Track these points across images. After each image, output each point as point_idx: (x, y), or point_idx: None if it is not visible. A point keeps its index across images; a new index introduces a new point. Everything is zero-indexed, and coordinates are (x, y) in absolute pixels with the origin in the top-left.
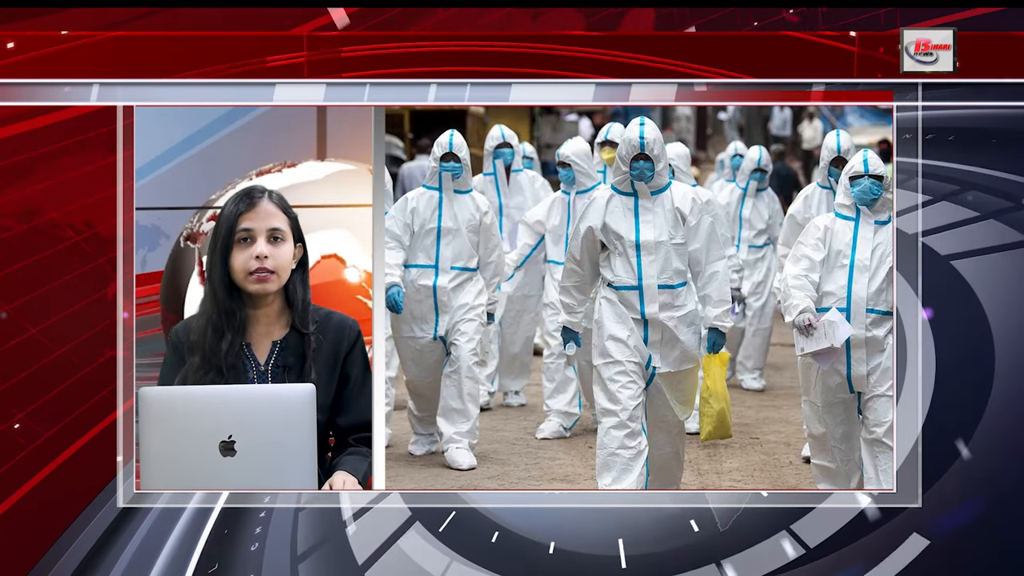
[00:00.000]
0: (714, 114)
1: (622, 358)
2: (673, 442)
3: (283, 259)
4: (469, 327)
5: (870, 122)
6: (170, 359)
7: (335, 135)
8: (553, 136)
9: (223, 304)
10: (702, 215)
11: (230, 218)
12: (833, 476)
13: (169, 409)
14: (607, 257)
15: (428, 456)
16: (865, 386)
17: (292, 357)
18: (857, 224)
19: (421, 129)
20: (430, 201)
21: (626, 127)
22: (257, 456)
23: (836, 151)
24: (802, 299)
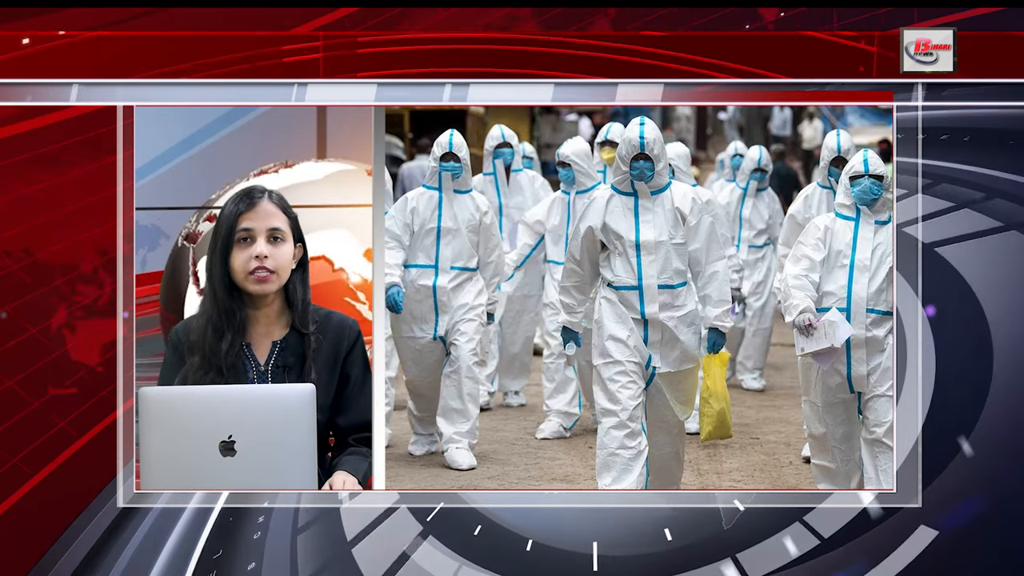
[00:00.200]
0: (714, 114)
1: (622, 358)
2: (673, 442)
3: (283, 259)
4: (469, 327)
5: (870, 122)
6: (170, 359)
7: (335, 135)
8: (553, 136)
9: (223, 304)
10: (702, 215)
11: (230, 218)
12: (833, 476)
13: (169, 409)
14: (607, 257)
15: (428, 456)
16: (865, 386)
17: (292, 357)
18: (857, 224)
19: (421, 129)
20: (430, 201)
21: (626, 127)
22: (257, 456)
23: (836, 151)
24: (802, 299)
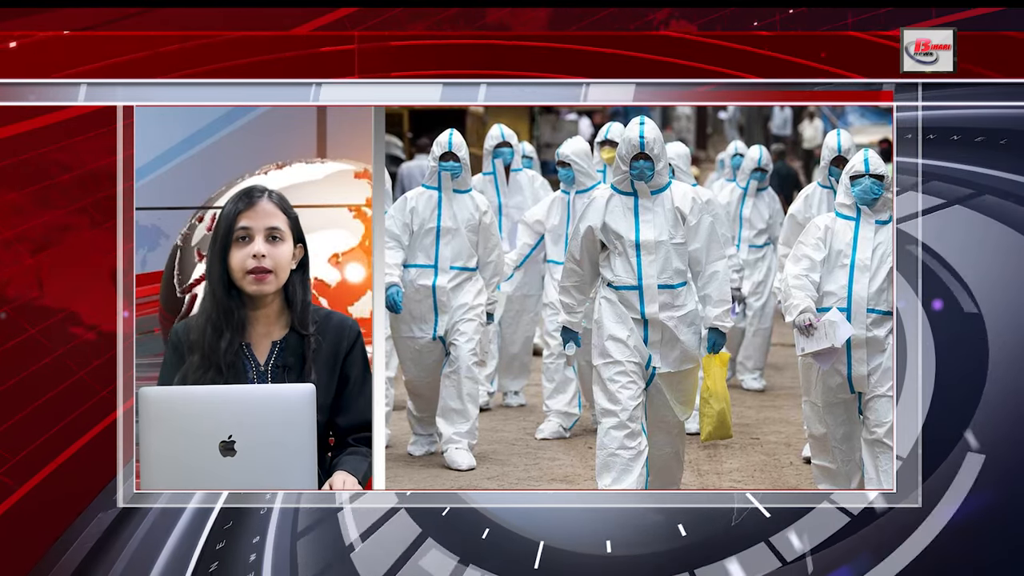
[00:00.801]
0: (714, 113)
1: (622, 358)
2: (673, 442)
3: (281, 258)
4: (468, 327)
5: (871, 121)
6: (170, 359)
7: (335, 135)
8: (553, 135)
9: (221, 303)
10: (702, 215)
11: (229, 217)
12: (834, 477)
13: (169, 409)
14: (607, 257)
15: (427, 457)
16: (866, 386)
17: (292, 357)
18: (858, 224)
19: (420, 128)
20: (429, 201)
21: (626, 126)
22: (257, 456)
23: (837, 150)
24: (803, 299)
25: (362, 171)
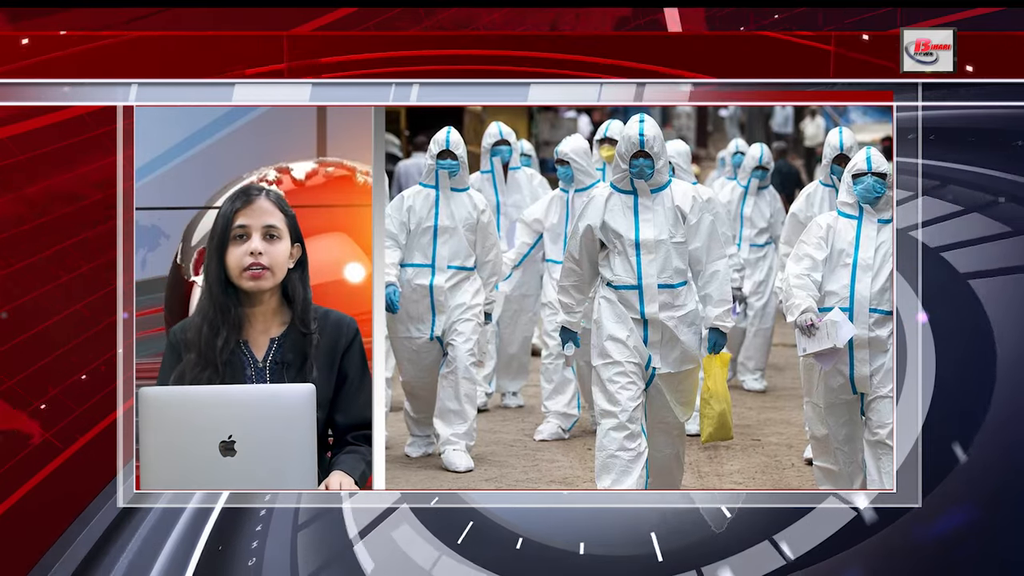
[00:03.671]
0: (715, 111)
1: (621, 359)
2: (673, 444)
3: (278, 256)
4: (466, 327)
5: (873, 119)
6: (168, 358)
7: (335, 135)
8: (551, 133)
9: (218, 300)
10: (702, 213)
11: (226, 215)
12: (835, 478)
13: (169, 409)
14: (606, 256)
15: (425, 458)
16: (868, 387)
17: (290, 354)
18: (860, 223)
19: (418, 126)
20: (427, 199)
21: (625, 124)
22: (257, 456)
23: (839, 148)
24: (804, 299)
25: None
